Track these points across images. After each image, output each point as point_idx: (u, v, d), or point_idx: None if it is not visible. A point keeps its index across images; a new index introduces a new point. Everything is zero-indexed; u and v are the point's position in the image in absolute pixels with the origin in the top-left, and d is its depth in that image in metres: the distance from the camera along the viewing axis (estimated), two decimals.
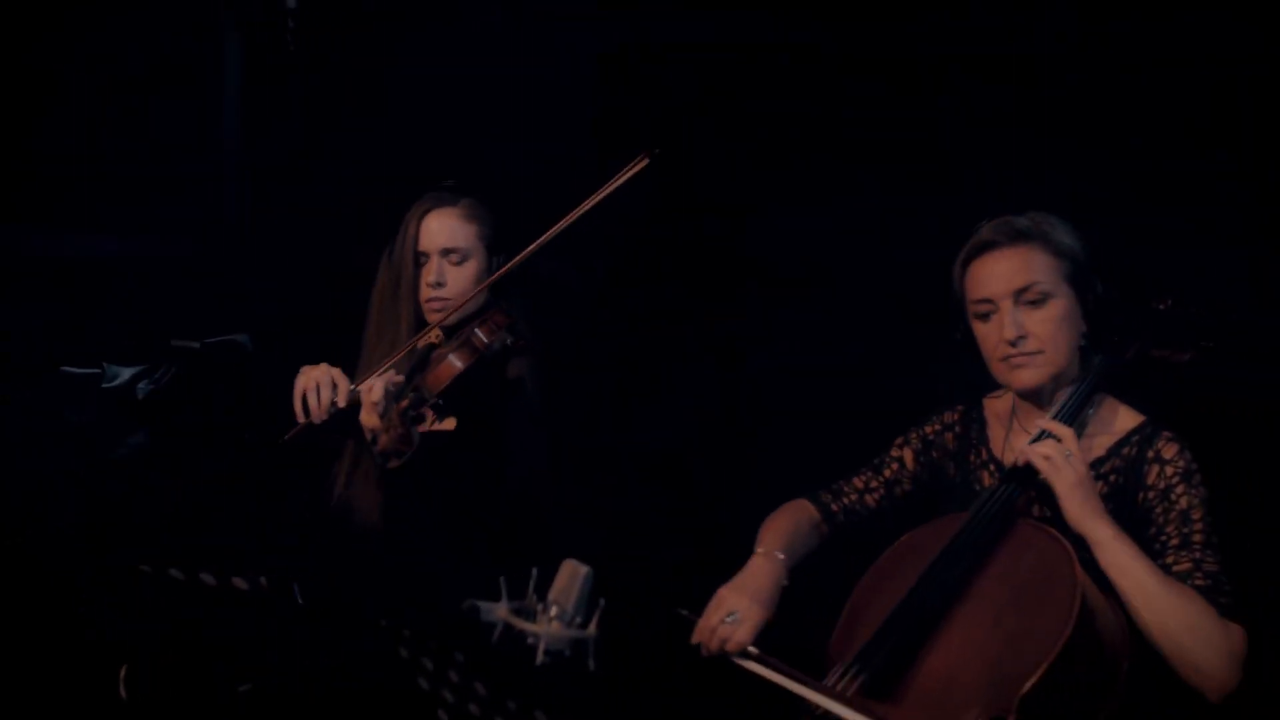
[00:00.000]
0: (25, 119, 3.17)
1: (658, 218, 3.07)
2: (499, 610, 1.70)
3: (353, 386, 2.43)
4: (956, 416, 2.36)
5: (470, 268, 2.58)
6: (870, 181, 2.35)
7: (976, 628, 1.91)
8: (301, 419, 2.42)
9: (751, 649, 2.04)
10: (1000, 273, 2.09)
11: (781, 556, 2.18)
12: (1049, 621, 1.83)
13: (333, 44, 3.27)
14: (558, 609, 1.71)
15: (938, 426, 2.37)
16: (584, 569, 1.77)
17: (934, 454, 2.35)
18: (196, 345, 2.86)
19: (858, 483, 2.38)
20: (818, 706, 1.92)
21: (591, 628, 1.74)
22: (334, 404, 2.42)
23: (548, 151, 3.21)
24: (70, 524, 2.70)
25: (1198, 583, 1.95)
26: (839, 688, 1.93)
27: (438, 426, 2.57)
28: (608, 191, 2.43)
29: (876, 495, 2.37)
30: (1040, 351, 2.09)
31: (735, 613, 2.06)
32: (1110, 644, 1.90)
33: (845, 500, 2.37)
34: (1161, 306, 2.21)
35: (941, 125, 2.79)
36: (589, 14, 3.13)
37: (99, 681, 1.97)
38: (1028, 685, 1.78)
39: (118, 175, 3.22)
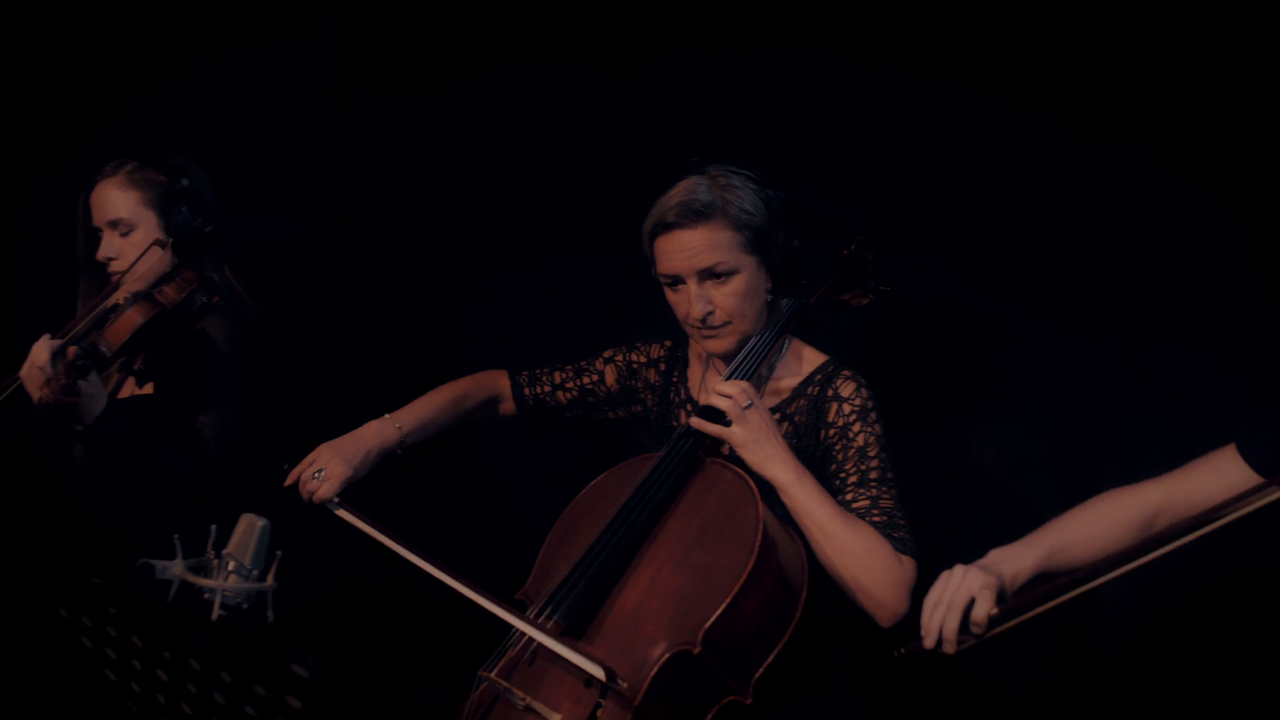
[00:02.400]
0: None
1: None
2: (174, 567, 1.67)
3: None
4: (663, 352, 2.37)
5: (139, 236, 2.46)
6: None
7: (665, 565, 1.92)
8: None
9: (335, 500, 2.11)
10: (684, 253, 2.07)
11: (399, 427, 2.23)
12: (732, 557, 1.85)
13: None
14: (235, 563, 1.71)
15: (644, 359, 2.38)
16: (261, 522, 1.76)
17: (635, 383, 2.37)
18: None
19: (557, 376, 2.41)
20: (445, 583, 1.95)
21: (269, 579, 1.72)
22: None
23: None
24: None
25: (875, 519, 2.02)
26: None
27: (138, 391, 2.49)
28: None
29: (569, 395, 2.39)
30: (729, 322, 2.12)
31: (323, 469, 2.12)
32: (791, 577, 1.94)
33: (539, 388, 2.40)
34: (846, 252, 2.26)
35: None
36: None
37: None
38: (711, 619, 1.79)
39: None
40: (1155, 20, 2.40)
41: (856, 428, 2.09)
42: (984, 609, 1.70)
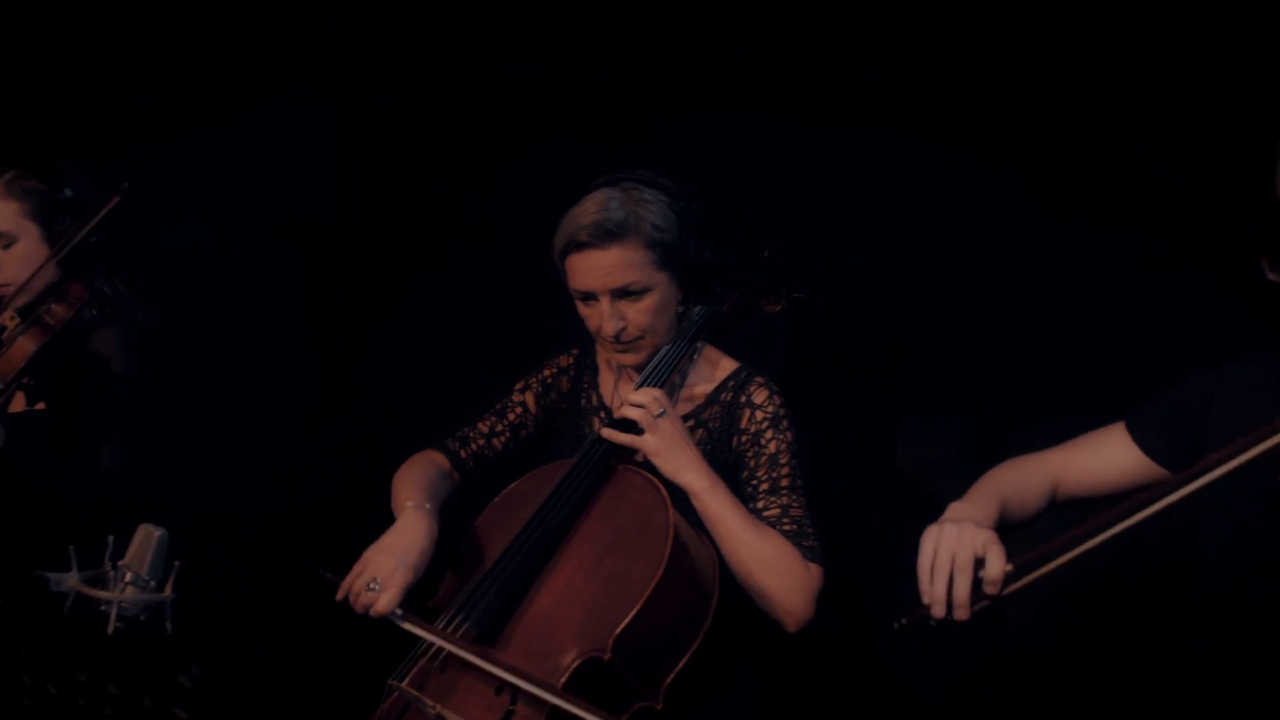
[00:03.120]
0: None
1: None
2: (69, 579, 1.62)
3: None
4: (571, 360, 2.35)
5: (21, 248, 2.40)
6: None
7: (578, 571, 1.90)
8: None
9: (397, 611, 1.91)
10: (597, 272, 2.04)
11: (429, 507, 2.09)
12: (642, 565, 1.83)
13: None
14: (132, 574, 1.64)
15: (554, 370, 2.36)
16: (158, 532, 1.69)
17: (552, 396, 2.35)
18: None
19: (483, 427, 2.35)
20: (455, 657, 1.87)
21: (167, 590, 1.67)
22: None
23: None
24: None
25: (785, 528, 2.01)
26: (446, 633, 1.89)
27: (28, 408, 2.44)
28: (90, 225, 2.35)
29: (503, 439, 2.35)
30: (641, 337, 2.11)
31: (377, 580, 1.92)
32: (702, 584, 1.92)
33: (473, 446, 2.34)
34: (759, 260, 2.24)
35: None
36: None
37: None
38: (621, 626, 1.78)
39: None
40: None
41: (769, 434, 2.09)
42: (998, 566, 1.58)
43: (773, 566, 1.96)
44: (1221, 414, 1.77)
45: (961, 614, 1.60)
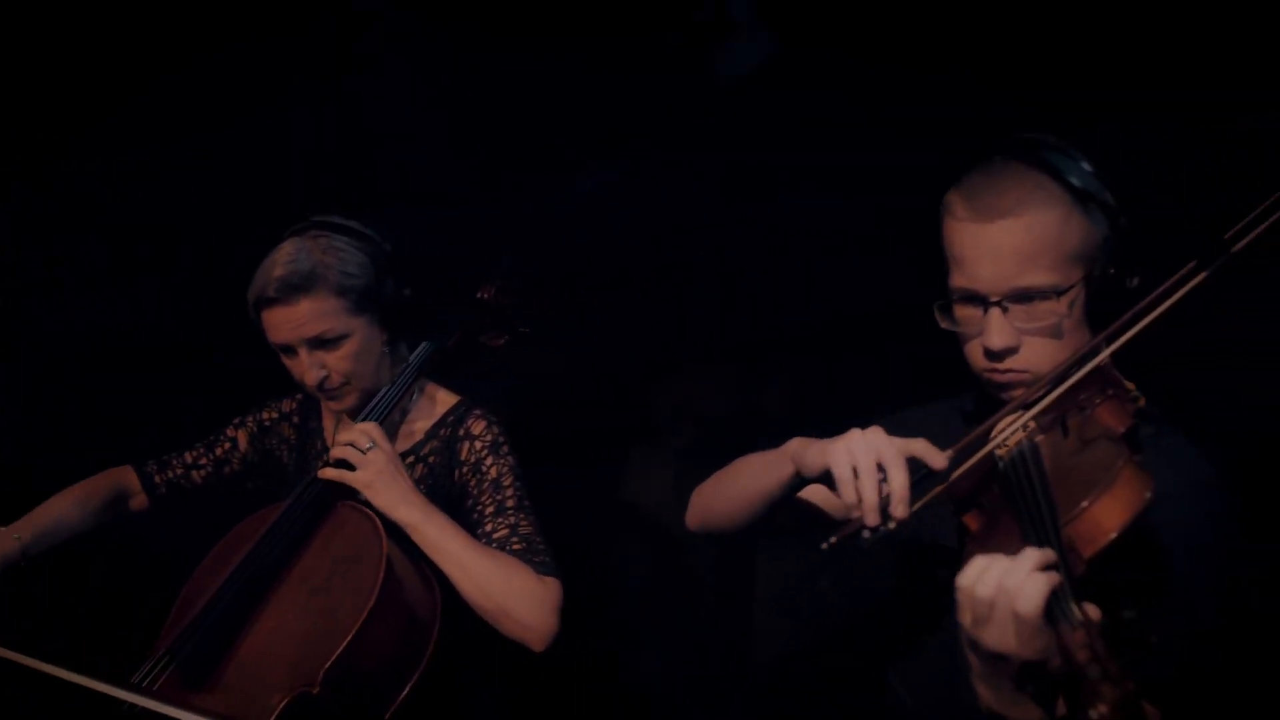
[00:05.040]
0: None
1: None
2: None
3: None
4: (294, 406, 2.34)
5: None
6: None
7: (290, 609, 1.89)
8: None
9: None
10: (288, 326, 2.04)
11: (18, 538, 2.10)
12: (354, 597, 1.83)
13: None
14: None
15: (275, 415, 2.35)
16: None
17: (270, 441, 2.33)
18: None
19: (188, 457, 2.34)
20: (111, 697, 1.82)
21: None
22: None
23: None
24: None
25: (515, 547, 2.02)
26: (148, 680, 1.88)
27: None
28: None
29: (204, 472, 2.33)
30: (347, 383, 2.11)
31: None
32: (420, 614, 1.92)
33: (171, 473, 2.32)
34: (484, 296, 2.27)
35: None
36: None
37: None
38: (331, 659, 1.77)
39: None
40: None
41: (489, 461, 2.11)
42: (935, 455, 1.48)
43: (504, 585, 1.95)
44: None
45: (901, 510, 1.45)
